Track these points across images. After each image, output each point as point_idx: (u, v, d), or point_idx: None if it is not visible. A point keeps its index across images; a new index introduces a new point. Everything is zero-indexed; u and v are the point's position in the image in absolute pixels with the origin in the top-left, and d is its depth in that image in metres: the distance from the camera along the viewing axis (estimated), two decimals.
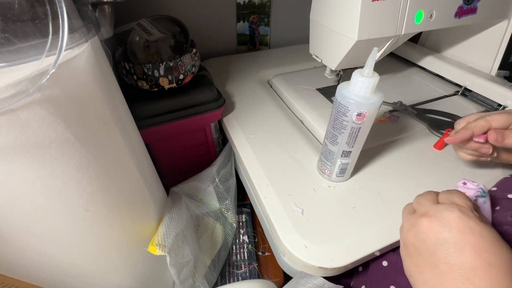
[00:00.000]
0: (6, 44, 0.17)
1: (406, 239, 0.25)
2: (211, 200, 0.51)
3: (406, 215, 0.27)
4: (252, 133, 0.48)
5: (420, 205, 0.26)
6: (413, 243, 0.24)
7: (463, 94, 0.56)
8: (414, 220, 0.25)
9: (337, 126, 0.32)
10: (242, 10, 0.69)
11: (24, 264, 0.26)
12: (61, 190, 0.23)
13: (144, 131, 0.42)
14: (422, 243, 0.23)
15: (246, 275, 0.50)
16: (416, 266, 0.24)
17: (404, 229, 0.26)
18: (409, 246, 0.25)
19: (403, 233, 0.26)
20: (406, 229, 0.26)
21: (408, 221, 0.26)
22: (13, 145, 0.18)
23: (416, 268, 0.24)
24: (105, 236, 0.29)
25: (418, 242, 0.24)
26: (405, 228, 0.26)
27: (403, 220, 0.27)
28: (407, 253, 0.25)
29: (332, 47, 0.44)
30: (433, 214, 0.24)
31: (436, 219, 0.23)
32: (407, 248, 0.25)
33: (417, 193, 0.37)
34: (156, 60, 0.50)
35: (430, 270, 0.23)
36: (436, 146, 0.44)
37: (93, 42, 0.23)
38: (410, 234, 0.25)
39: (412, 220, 0.25)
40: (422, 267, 0.23)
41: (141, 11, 0.60)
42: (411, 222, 0.25)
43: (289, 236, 0.33)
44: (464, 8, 0.45)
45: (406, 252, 0.26)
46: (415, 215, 0.25)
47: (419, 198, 0.27)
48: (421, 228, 0.24)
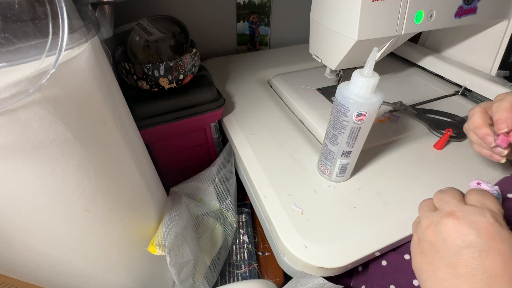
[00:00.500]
0: (6, 44, 0.17)
1: (424, 235, 0.24)
2: (211, 200, 0.51)
3: (425, 211, 0.26)
4: (252, 133, 0.48)
5: (445, 203, 0.25)
6: (432, 241, 0.23)
7: (463, 94, 0.56)
8: (437, 218, 0.24)
9: (337, 126, 0.32)
10: (242, 10, 0.69)
11: (24, 264, 0.26)
12: (61, 190, 0.23)
13: (144, 131, 0.42)
14: (443, 242, 0.23)
15: (246, 275, 0.50)
16: (430, 264, 0.23)
17: (423, 226, 0.25)
18: (425, 243, 0.24)
19: (420, 229, 0.25)
20: (426, 225, 0.24)
21: (429, 218, 0.25)
22: (13, 145, 0.18)
23: (430, 266, 0.23)
24: (105, 236, 0.30)
25: (438, 240, 0.23)
26: (424, 224, 0.25)
27: (422, 216, 0.26)
28: (421, 249, 0.25)
29: (332, 47, 0.44)
30: (461, 215, 0.23)
31: (464, 221, 0.22)
32: (422, 245, 0.25)
33: (418, 193, 0.37)
34: (156, 60, 0.50)
35: (447, 270, 0.22)
36: (436, 146, 0.44)
37: (93, 42, 0.23)
38: (430, 232, 0.24)
39: (435, 218, 0.24)
40: (438, 266, 0.22)
41: (141, 11, 0.60)
42: (432, 220, 0.24)
43: (289, 236, 0.33)
44: (464, 8, 0.45)
45: (419, 248, 0.25)
46: (439, 212, 0.24)
47: (442, 195, 0.26)
48: (445, 227, 0.23)
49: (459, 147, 0.44)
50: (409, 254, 0.35)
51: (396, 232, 0.33)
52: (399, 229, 0.33)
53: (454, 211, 0.23)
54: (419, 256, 0.25)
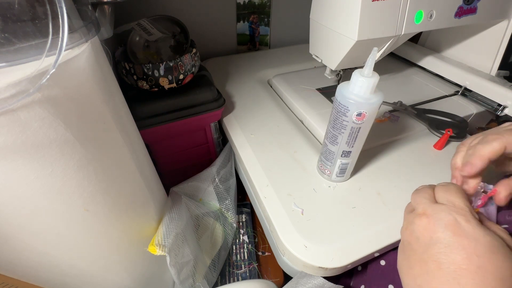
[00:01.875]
0: (6, 44, 0.17)
1: (403, 236, 0.26)
2: (211, 200, 0.51)
3: (406, 213, 0.28)
4: (252, 133, 0.48)
5: (417, 204, 0.26)
6: (408, 241, 0.25)
7: (463, 94, 0.56)
8: (411, 218, 0.25)
9: (337, 126, 0.32)
10: (242, 10, 0.69)
11: (24, 264, 0.26)
12: (61, 190, 0.23)
13: (144, 131, 0.42)
14: (416, 240, 0.24)
15: (246, 275, 0.50)
16: (407, 262, 0.25)
17: (403, 227, 0.27)
18: (404, 242, 0.26)
19: (401, 230, 0.27)
20: (404, 227, 0.26)
21: (407, 220, 0.26)
22: (13, 145, 0.18)
23: (407, 263, 0.25)
24: (105, 236, 0.30)
25: (413, 239, 0.25)
26: (403, 226, 0.27)
27: (404, 218, 0.28)
28: (402, 249, 0.26)
29: (332, 47, 0.44)
30: (430, 214, 0.24)
31: (432, 219, 0.24)
32: (403, 245, 0.26)
33: None
34: (156, 60, 0.50)
35: (419, 266, 0.23)
36: (436, 146, 0.44)
37: (93, 42, 0.23)
38: (407, 232, 0.25)
39: (410, 219, 0.26)
40: (413, 263, 0.24)
41: (141, 11, 0.60)
42: (409, 221, 0.26)
43: (289, 236, 0.33)
44: (464, 8, 0.45)
45: (401, 248, 0.27)
46: (413, 213, 0.26)
47: (415, 196, 0.27)
48: (417, 226, 0.24)
49: None
50: None
51: (396, 232, 0.33)
52: (399, 229, 0.33)
53: (425, 210, 0.25)
54: (400, 255, 0.26)
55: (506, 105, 0.49)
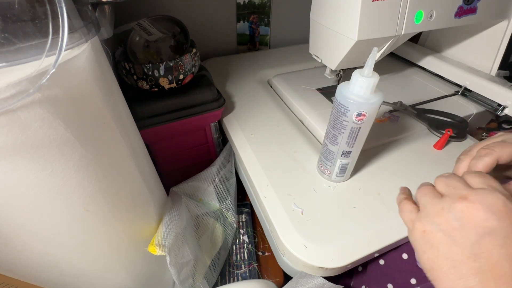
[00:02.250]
0: (6, 44, 0.17)
1: (434, 225, 0.21)
2: (211, 200, 0.51)
3: (430, 198, 0.23)
4: (252, 133, 0.48)
5: (453, 188, 0.22)
6: (446, 230, 0.20)
7: (463, 94, 0.56)
8: (448, 203, 0.21)
9: (337, 126, 0.32)
10: (242, 10, 0.69)
11: (24, 264, 0.26)
12: (61, 190, 0.23)
13: (144, 131, 0.42)
14: (460, 231, 0.20)
15: (246, 275, 0.50)
16: (447, 259, 0.20)
17: (431, 214, 0.22)
18: (437, 234, 0.21)
19: (427, 218, 0.22)
20: (436, 213, 0.21)
21: (438, 205, 0.22)
22: (13, 145, 0.18)
23: (447, 261, 0.20)
24: (105, 236, 0.30)
25: (454, 229, 0.20)
26: (432, 212, 0.22)
27: (428, 204, 0.23)
28: (431, 243, 0.21)
29: (332, 47, 0.44)
30: (475, 198, 0.20)
31: (480, 204, 0.19)
32: (431, 237, 0.21)
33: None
34: (156, 60, 0.50)
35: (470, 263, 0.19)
36: (436, 146, 0.44)
37: (93, 42, 0.23)
38: (443, 220, 0.21)
39: (445, 204, 0.21)
40: (458, 259, 0.19)
41: (141, 11, 0.60)
42: (442, 206, 0.21)
43: (289, 236, 0.33)
44: (464, 8, 0.45)
45: (427, 242, 0.21)
46: (449, 198, 0.21)
47: (447, 180, 0.23)
48: (460, 213, 0.20)
49: (459, 147, 0.44)
50: (407, 254, 0.35)
51: (396, 232, 0.33)
52: (399, 229, 0.33)
53: (466, 194, 0.20)
54: (431, 252, 0.21)
55: (506, 105, 0.49)
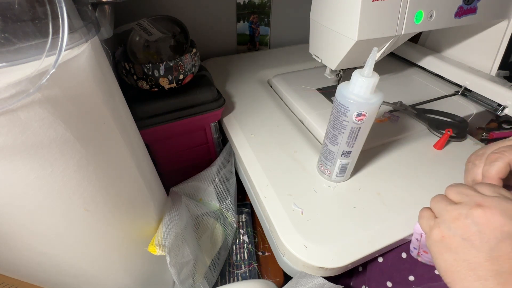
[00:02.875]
0: (6, 44, 0.17)
1: (452, 230, 0.22)
2: (211, 200, 0.51)
3: (445, 205, 0.24)
4: (252, 133, 0.48)
5: (467, 196, 0.23)
6: (464, 235, 0.22)
7: (463, 94, 0.56)
8: (464, 210, 0.22)
9: (337, 126, 0.32)
10: (242, 10, 0.69)
11: (24, 264, 0.26)
12: (61, 190, 0.23)
13: (144, 131, 0.42)
14: (478, 235, 0.21)
15: (246, 275, 0.50)
16: (465, 261, 0.21)
17: (448, 219, 0.23)
18: (454, 238, 0.22)
19: (444, 224, 0.23)
20: (452, 219, 0.23)
21: (455, 211, 0.23)
22: (13, 145, 0.18)
23: (466, 263, 0.21)
24: (105, 236, 0.30)
25: (472, 234, 0.21)
26: (449, 218, 0.23)
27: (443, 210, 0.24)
28: (449, 247, 0.22)
29: (332, 47, 0.44)
30: (491, 205, 0.21)
31: (496, 210, 0.21)
32: (449, 241, 0.22)
33: (417, 193, 0.37)
34: (156, 60, 0.50)
35: (488, 266, 0.20)
36: (436, 146, 0.44)
37: (93, 42, 0.23)
38: (459, 225, 0.22)
39: (462, 210, 0.22)
40: (477, 262, 0.20)
41: (141, 11, 0.60)
42: (459, 212, 0.22)
43: (289, 236, 0.33)
44: (464, 8, 0.45)
45: (445, 246, 0.23)
46: (465, 205, 0.23)
47: (458, 188, 0.24)
48: (478, 218, 0.21)
49: (459, 147, 0.44)
50: (405, 253, 0.35)
51: (396, 232, 0.33)
52: (399, 229, 0.33)
53: (481, 201, 0.22)
54: (448, 255, 0.22)
55: (506, 105, 0.49)
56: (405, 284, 0.33)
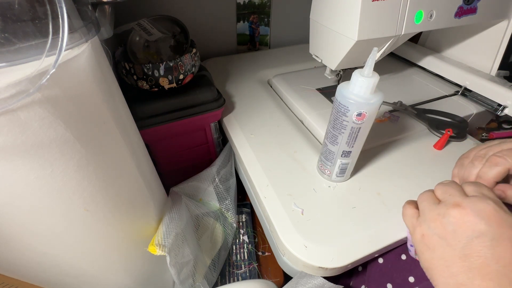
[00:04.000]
0: (6, 44, 0.17)
1: (431, 229, 0.24)
2: (211, 200, 0.51)
3: (429, 204, 0.25)
4: (252, 133, 0.48)
5: (449, 195, 0.24)
6: (441, 234, 0.23)
7: (463, 94, 0.56)
8: (443, 210, 0.23)
9: (337, 126, 0.32)
10: (242, 10, 0.69)
11: (24, 264, 0.26)
12: (61, 190, 0.23)
13: (144, 131, 0.42)
14: (452, 234, 0.22)
15: (246, 275, 0.50)
16: (442, 259, 0.22)
17: (428, 219, 0.24)
18: (432, 237, 0.23)
19: (425, 223, 0.24)
20: (432, 218, 0.24)
21: (434, 211, 0.24)
22: (13, 145, 0.18)
23: (441, 261, 0.22)
24: (105, 236, 0.30)
25: (447, 233, 0.22)
26: (429, 217, 0.24)
27: (426, 209, 0.25)
28: (428, 245, 0.24)
29: (332, 47, 0.44)
30: (467, 205, 0.22)
31: (471, 210, 0.22)
32: (429, 240, 0.24)
33: (418, 193, 0.37)
34: (156, 60, 0.50)
35: (460, 263, 0.21)
36: (436, 146, 0.44)
37: (93, 42, 0.23)
38: (438, 225, 0.23)
39: (440, 210, 0.23)
40: (451, 259, 0.22)
41: (141, 11, 0.60)
42: (438, 212, 0.23)
43: (289, 236, 0.33)
44: (464, 8, 0.45)
45: (425, 243, 0.24)
46: (444, 204, 0.24)
47: (445, 187, 0.25)
48: (453, 218, 0.22)
49: (459, 147, 0.44)
50: (405, 255, 0.35)
51: (396, 232, 0.33)
52: (399, 229, 0.33)
53: (459, 201, 0.23)
54: (427, 253, 0.24)
55: (506, 105, 0.49)
56: (405, 285, 0.33)
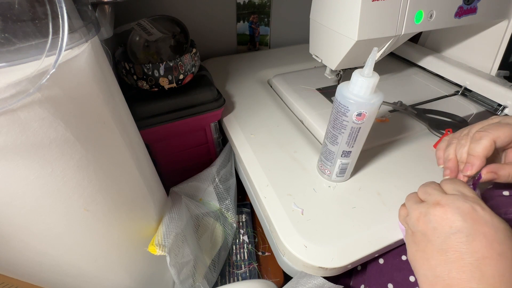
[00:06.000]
0: (6, 44, 0.17)
1: (415, 226, 0.26)
2: (211, 200, 0.51)
3: (412, 204, 0.27)
4: (252, 133, 0.48)
5: (429, 195, 0.26)
6: (423, 231, 0.25)
7: (463, 94, 0.56)
8: (425, 209, 0.25)
9: (337, 126, 0.32)
10: (242, 10, 0.69)
11: (24, 264, 0.26)
12: (61, 190, 0.23)
13: (144, 131, 0.42)
14: (433, 231, 0.24)
15: (246, 275, 0.50)
16: (423, 252, 0.24)
17: (413, 218, 0.26)
18: (417, 233, 0.25)
19: (411, 221, 0.26)
20: (416, 217, 0.26)
21: (417, 210, 0.26)
22: (13, 145, 0.18)
23: (423, 254, 0.24)
24: (105, 236, 0.30)
25: (429, 230, 0.24)
26: (414, 216, 0.26)
27: (411, 209, 0.27)
28: (414, 240, 0.26)
29: (332, 47, 0.44)
30: (446, 203, 0.24)
31: (449, 208, 0.23)
32: (415, 236, 0.26)
33: None
34: (156, 60, 0.50)
35: (438, 257, 0.23)
36: (436, 146, 0.44)
37: (93, 42, 0.23)
38: (421, 223, 0.25)
39: (423, 209, 0.25)
40: (430, 253, 0.24)
41: (141, 11, 0.60)
42: (421, 211, 0.25)
43: (289, 236, 0.33)
44: (464, 8, 0.45)
45: (412, 239, 0.26)
46: (426, 204, 0.25)
47: (425, 188, 0.27)
48: (433, 216, 0.24)
49: None
50: (406, 255, 0.35)
51: (396, 232, 0.33)
52: (399, 229, 0.33)
53: (438, 200, 0.25)
54: (412, 247, 0.26)
55: (506, 105, 0.49)
56: (406, 285, 0.33)
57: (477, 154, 0.30)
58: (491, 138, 0.29)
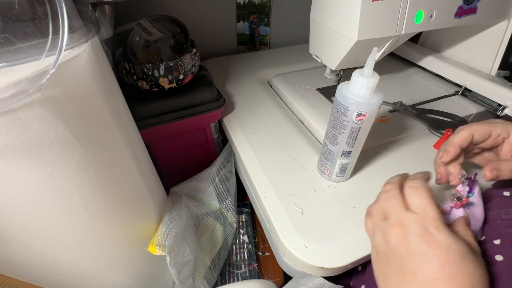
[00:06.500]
0: (6, 44, 0.17)
1: (379, 246, 0.26)
2: (211, 200, 0.51)
3: (377, 220, 0.27)
4: (252, 133, 0.48)
5: (390, 212, 0.26)
6: (385, 252, 0.25)
7: (463, 94, 0.56)
8: (387, 229, 0.25)
9: (337, 126, 0.32)
10: (242, 10, 0.69)
11: (24, 264, 0.27)
12: (61, 190, 0.23)
13: (144, 131, 0.42)
14: (392, 253, 0.24)
15: (246, 275, 0.50)
16: (385, 274, 0.25)
17: (377, 237, 0.26)
18: (380, 253, 0.26)
19: (375, 240, 0.26)
20: (379, 237, 0.26)
21: (381, 229, 0.26)
22: (13, 145, 0.18)
23: (384, 274, 0.25)
24: (105, 236, 0.30)
25: (389, 251, 0.25)
26: (378, 235, 0.26)
27: (376, 226, 0.27)
28: (377, 260, 0.26)
29: (332, 47, 0.44)
30: (404, 223, 0.24)
31: (406, 231, 0.24)
32: (378, 255, 0.26)
33: None
34: (156, 60, 0.50)
35: (397, 278, 0.24)
36: (436, 146, 0.44)
37: (93, 42, 0.23)
38: (383, 243, 0.25)
39: (385, 229, 0.25)
40: (390, 275, 0.24)
41: (141, 11, 0.60)
42: (383, 231, 0.25)
43: (289, 236, 0.33)
44: (464, 8, 0.45)
45: (376, 258, 0.26)
46: (387, 223, 0.25)
47: (387, 201, 0.27)
48: (393, 238, 0.24)
49: None
50: None
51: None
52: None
53: (399, 220, 0.25)
54: (376, 265, 0.26)
55: (506, 105, 0.49)
56: None
57: (453, 143, 0.31)
58: (469, 130, 0.31)
